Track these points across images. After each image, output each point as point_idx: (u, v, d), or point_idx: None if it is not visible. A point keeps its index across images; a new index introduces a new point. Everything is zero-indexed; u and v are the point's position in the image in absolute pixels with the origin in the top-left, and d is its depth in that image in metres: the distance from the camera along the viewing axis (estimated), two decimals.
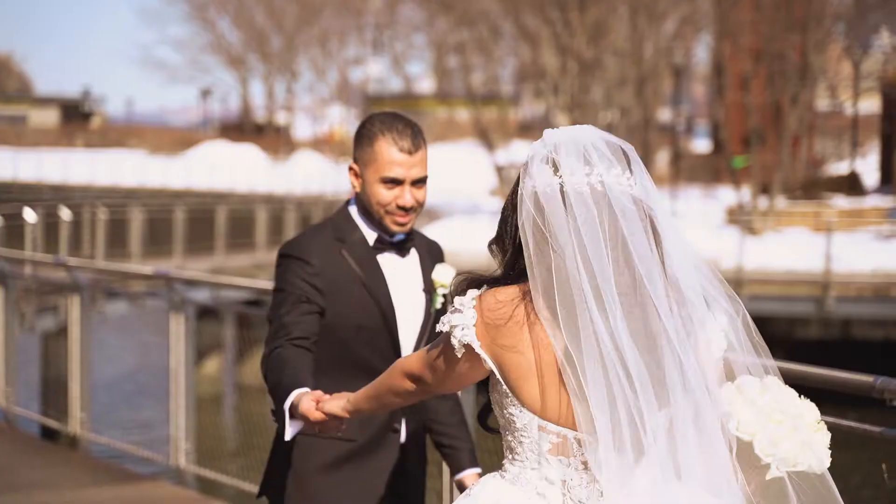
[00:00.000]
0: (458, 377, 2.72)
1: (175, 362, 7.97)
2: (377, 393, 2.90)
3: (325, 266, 3.53)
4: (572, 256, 2.57)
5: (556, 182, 2.62)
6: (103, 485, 7.86)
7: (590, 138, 2.68)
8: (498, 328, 2.63)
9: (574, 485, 2.62)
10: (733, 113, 42.03)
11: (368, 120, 3.64)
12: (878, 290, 22.83)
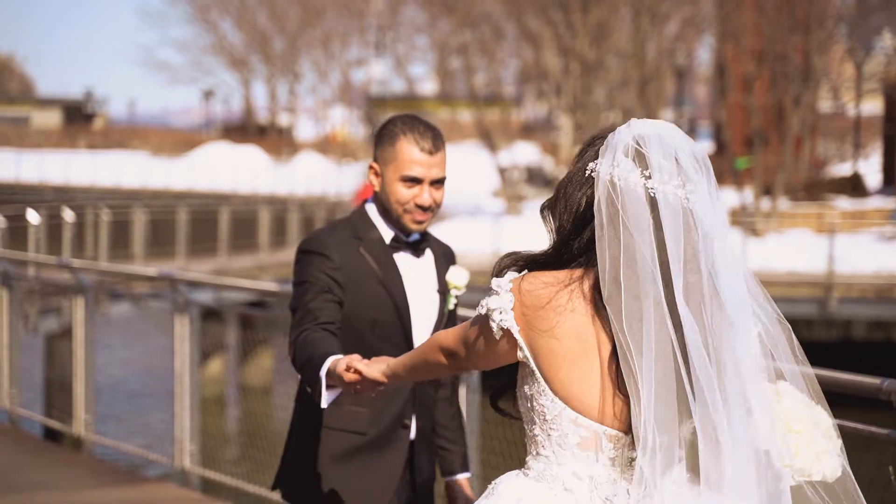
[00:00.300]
0: (493, 358, 2.67)
1: (180, 364, 7.98)
2: (413, 363, 2.89)
3: (344, 261, 3.57)
4: (649, 246, 2.52)
5: (642, 182, 2.56)
6: (107, 486, 7.87)
7: (678, 142, 2.61)
8: (535, 311, 2.57)
9: (601, 481, 2.57)
10: (736, 114, 42.02)
11: (390, 121, 3.71)
12: (881, 291, 22.83)
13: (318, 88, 70.12)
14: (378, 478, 3.60)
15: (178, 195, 41.39)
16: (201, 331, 8.21)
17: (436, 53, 54.87)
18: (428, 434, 3.71)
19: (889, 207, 33.61)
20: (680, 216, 2.55)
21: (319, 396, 3.10)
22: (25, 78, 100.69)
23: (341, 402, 3.22)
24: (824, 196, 36.27)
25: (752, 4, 36.79)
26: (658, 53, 42.31)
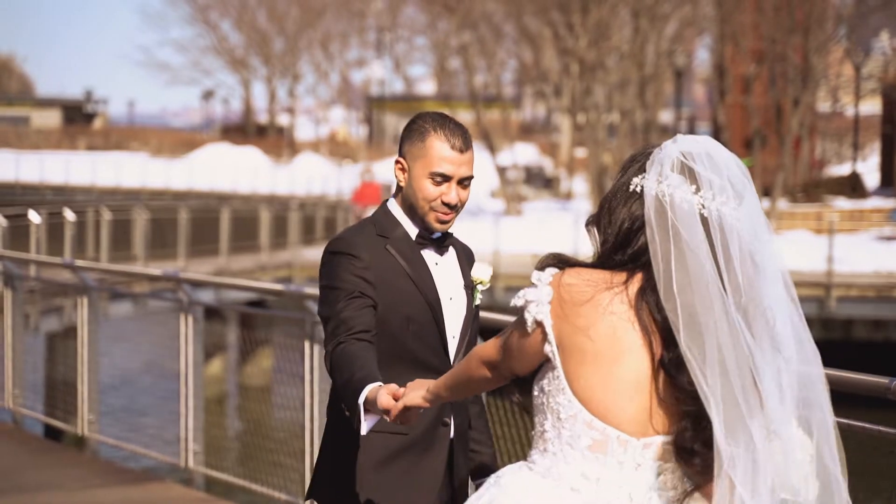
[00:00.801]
0: (528, 357, 2.66)
1: (184, 364, 8.00)
2: (456, 381, 2.88)
3: (374, 260, 3.53)
4: (706, 257, 2.55)
5: (691, 197, 2.59)
6: (112, 486, 7.89)
7: (726, 158, 2.65)
8: (574, 306, 2.58)
9: (607, 484, 2.58)
10: (735, 115, 42.05)
11: (420, 116, 3.64)
12: (880, 291, 22.86)
13: (318, 89, 70.20)
14: (422, 478, 3.56)
15: (178, 195, 41.40)
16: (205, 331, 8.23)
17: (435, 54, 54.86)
18: (465, 432, 3.66)
19: (888, 207, 33.64)
20: (731, 233, 2.58)
21: (358, 423, 3.12)
22: (25, 78, 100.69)
23: (382, 424, 3.19)
24: (823, 196, 36.30)
25: (752, 5, 36.83)
26: (657, 54, 42.33)
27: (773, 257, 2.67)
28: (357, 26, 67.49)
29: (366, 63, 70.51)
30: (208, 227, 25.62)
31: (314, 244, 30.06)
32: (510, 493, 2.63)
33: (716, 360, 2.51)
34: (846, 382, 3.95)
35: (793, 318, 2.68)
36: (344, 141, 71.49)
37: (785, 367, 2.61)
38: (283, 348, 8.06)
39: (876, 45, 42.41)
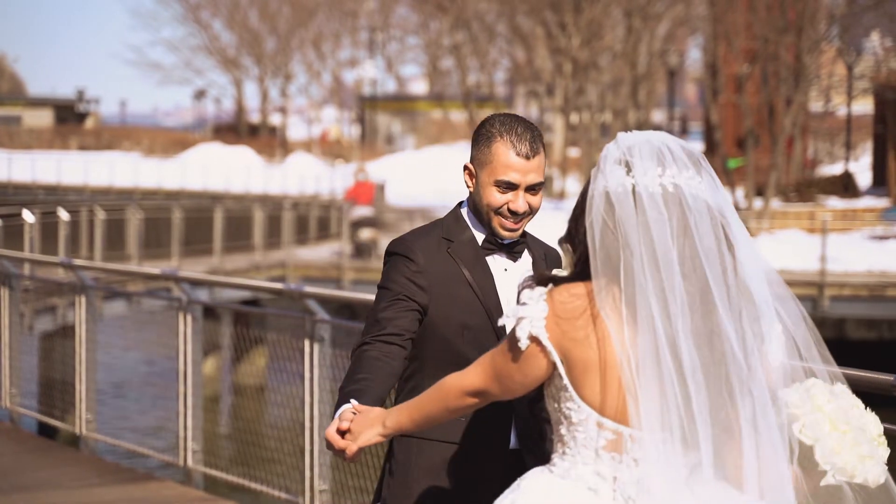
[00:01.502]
0: (522, 375, 2.71)
1: (183, 363, 8.01)
2: (428, 415, 2.89)
3: (430, 264, 3.47)
4: (639, 257, 2.59)
5: (629, 182, 2.64)
6: (110, 485, 7.89)
7: (665, 141, 2.70)
8: (570, 321, 2.65)
9: (624, 481, 2.63)
10: (727, 114, 42.12)
11: (488, 120, 3.53)
12: (873, 290, 22.91)
13: (310, 89, 70.15)
14: (470, 490, 3.46)
15: (171, 195, 41.36)
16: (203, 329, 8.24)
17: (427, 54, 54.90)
18: (526, 444, 3.53)
19: (880, 207, 33.73)
20: (661, 200, 2.62)
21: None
22: (16, 78, 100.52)
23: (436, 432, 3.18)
24: (815, 196, 36.37)
25: (744, 5, 36.89)
26: (650, 54, 42.39)
27: (740, 227, 2.70)
28: (349, 26, 67.48)
29: (358, 63, 70.49)
30: (202, 227, 25.61)
31: (307, 244, 30.07)
32: (531, 495, 2.69)
33: (653, 353, 2.57)
34: (849, 379, 3.96)
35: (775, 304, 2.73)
36: (336, 141, 71.46)
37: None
38: (277, 347, 8.07)
39: (868, 44, 42.50)
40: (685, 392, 2.57)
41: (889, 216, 30.44)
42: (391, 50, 66.63)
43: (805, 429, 2.74)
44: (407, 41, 62.77)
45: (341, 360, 6.84)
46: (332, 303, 7.80)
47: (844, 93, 42.88)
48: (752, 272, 2.69)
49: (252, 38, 68.64)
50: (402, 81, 75.47)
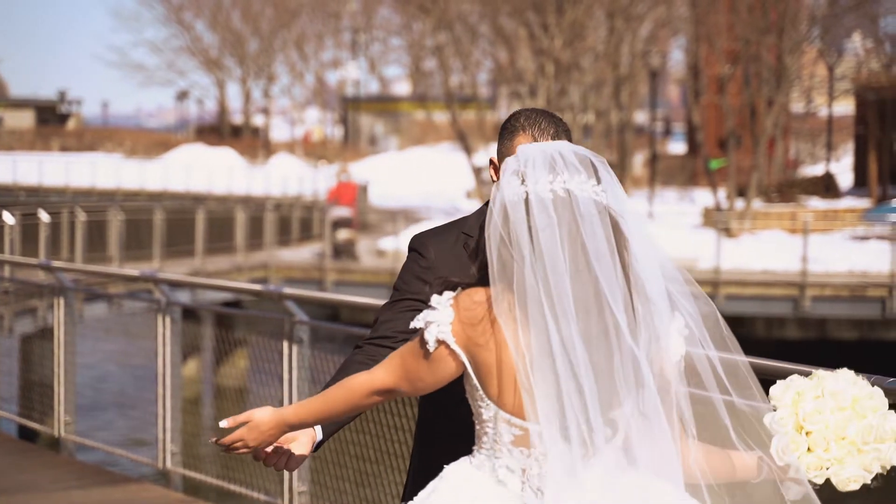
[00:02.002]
0: (432, 376, 2.86)
1: (162, 365, 7.99)
2: (331, 412, 3.00)
3: (441, 259, 3.45)
4: (530, 263, 2.71)
5: (522, 191, 2.77)
6: (89, 487, 7.87)
7: (559, 149, 2.83)
8: (473, 326, 2.79)
9: (533, 474, 2.77)
10: (709, 115, 42.21)
11: (514, 115, 3.48)
12: (854, 290, 22.99)
13: (293, 90, 70.09)
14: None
15: (153, 196, 41.27)
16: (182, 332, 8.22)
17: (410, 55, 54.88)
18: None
19: (861, 207, 33.83)
20: (551, 206, 2.75)
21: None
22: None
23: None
24: (797, 196, 36.48)
25: (726, 6, 36.98)
26: (632, 55, 42.46)
27: (639, 226, 2.82)
28: (332, 27, 67.43)
29: (341, 64, 70.44)
30: (183, 228, 25.56)
31: (290, 245, 30.03)
32: (450, 483, 2.87)
33: (547, 354, 2.72)
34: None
35: (673, 292, 2.83)
36: (319, 142, 71.39)
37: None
38: (259, 349, 8.06)
39: (849, 45, 42.65)
40: (579, 389, 2.71)
41: (870, 217, 30.55)
42: (374, 51, 66.63)
43: (783, 452, 2.81)
44: (390, 42, 62.76)
45: (320, 361, 6.83)
46: (312, 304, 7.78)
47: (826, 94, 43.02)
48: (648, 270, 2.79)
49: (235, 39, 68.54)
50: (385, 82, 75.46)
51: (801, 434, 2.79)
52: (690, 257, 24.29)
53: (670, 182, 47.57)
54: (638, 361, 2.73)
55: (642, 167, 51.96)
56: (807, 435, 2.79)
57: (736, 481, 2.88)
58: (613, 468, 2.73)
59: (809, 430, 2.79)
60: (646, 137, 51.31)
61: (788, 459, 2.80)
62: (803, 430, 2.80)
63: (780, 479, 2.84)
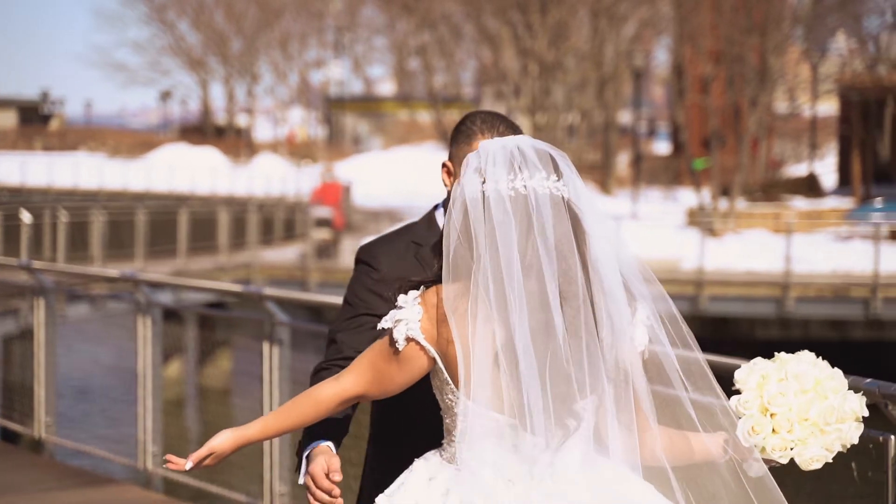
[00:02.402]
0: (403, 376, 2.89)
1: (142, 365, 7.95)
2: (297, 423, 3.00)
3: (393, 271, 3.34)
4: (485, 260, 2.77)
5: (481, 189, 2.82)
6: (70, 489, 7.84)
7: (518, 144, 2.86)
8: (441, 323, 2.83)
9: (504, 465, 2.82)
10: (693, 115, 42.26)
11: (469, 117, 3.42)
12: (837, 290, 23.03)
13: (277, 89, 69.96)
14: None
15: (136, 196, 41.16)
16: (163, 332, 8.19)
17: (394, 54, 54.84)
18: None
19: (844, 207, 33.91)
20: (509, 203, 2.79)
21: (299, 470, 3.12)
22: None
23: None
24: (781, 196, 36.55)
25: (710, 6, 37.03)
26: (616, 54, 42.49)
27: (601, 222, 2.86)
28: (316, 27, 67.33)
29: (325, 63, 70.36)
30: (166, 228, 25.50)
31: (273, 245, 29.98)
32: (420, 476, 2.91)
33: (489, 349, 2.78)
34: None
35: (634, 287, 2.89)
36: (303, 142, 71.30)
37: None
38: (243, 350, 8.03)
39: (832, 45, 42.74)
40: (540, 383, 2.77)
41: (854, 217, 30.62)
42: (358, 51, 66.55)
43: (752, 431, 2.87)
44: (374, 42, 62.73)
45: (300, 362, 6.81)
46: (294, 305, 7.76)
47: (809, 94, 43.12)
48: (605, 263, 2.84)
49: (218, 38, 68.40)
50: (369, 82, 75.41)
51: (765, 416, 2.85)
52: (674, 257, 24.31)
53: (654, 182, 47.63)
54: (597, 354, 2.79)
55: (626, 167, 51.99)
56: (771, 417, 2.85)
57: (697, 462, 2.93)
58: (580, 459, 2.80)
59: (774, 412, 2.84)
60: (630, 137, 51.35)
61: (754, 441, 2.85)
62: (768, 412, 2.85)
63: (742, 458, 2.90)
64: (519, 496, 2.79)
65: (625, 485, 2.81)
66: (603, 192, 43.75)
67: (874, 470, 3.80)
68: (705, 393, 2.91)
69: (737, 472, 2.90)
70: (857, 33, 40.38)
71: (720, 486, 2.91)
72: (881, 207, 30.39)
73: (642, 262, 2.91)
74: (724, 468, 2.91)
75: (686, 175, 42.57)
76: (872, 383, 3.80)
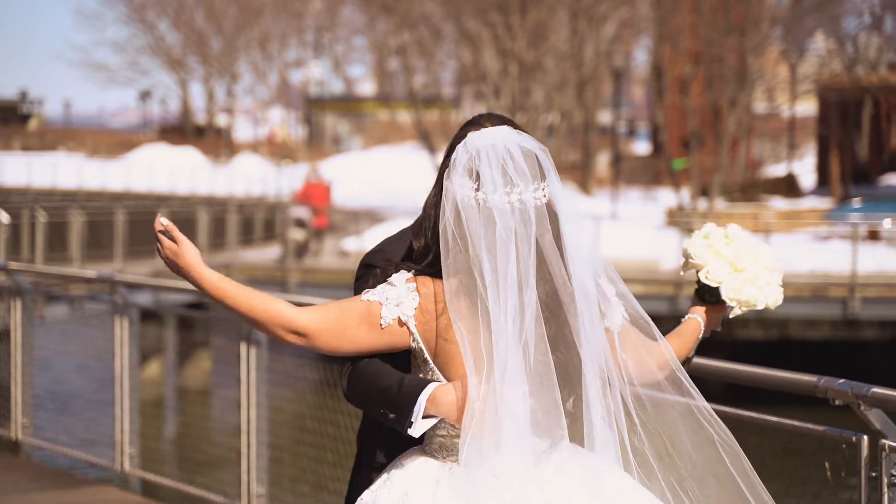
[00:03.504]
0: (371, 342, 2.94)
1: (119, 366, 7.93)
2: (243, 309, 2.99)
3: None
4: (482, 268, 2.83)
5: (478, 197, 2.88)
6: (47, 490, 7.81)
7: (507, 145, 2.90)
8: (437, 318, 2.90)
9: (498, 460, 2.85)
10: (673, 116, 42.34)
11: (481, 120, 3.28)
12: (816, 290, 23.09)
13: (256, 89, 69.80)
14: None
15: (116, 196, 41.01)
16: (140, 333, 8.16)
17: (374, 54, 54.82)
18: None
19: (823, 207, 34.01)
20: (510, 217, 2.86)
21: (406, 422, 3.01)
22: None
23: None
24: (760, 196, 36.65)
25: (689, 6, 37.10)
26: (596, 55, 42.54)
27: (575, 224, 2.95)
28: (295, 26, 67.22)
29: (304, 63, 70.26)
30: (146, 229, 25.39)
31: (253, 245, 29.91)
32: (406, 469, 2.95)
33: (515, 346, 2.85)
34: (777, 381, 3.99)
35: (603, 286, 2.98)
36: (283, 142, 71.17)
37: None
38: (222, 350, 8.02)
39: (811, 46, 42.87)
40: (538, 383, 2.85)
41: (833, 217, 30.72)
42: (338, 51, 66.48)
43: (710, 274, 3.17)
44: (353, 42, 62.65)
45: (278, 363, 6.80)
46: None
47: (788, 94, 43.25)
48: (579, 263, 2.91)
49: (198, 38, 68.22)
50: (349, 82, 75.29)
51: (735, 272, 3.16)
52: (654, 257, 24.34)
53: (634, 182, 47.71)
54: (581, 358, 2.86)
55: (606, 167, 52.08)
56: (740, 271, 3.15)
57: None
58: (570, 453, 2.87)
59: (742, 267, 3.14)
60: (610, 137, 51.43)
61: (739, 297, 3.15)
62: (737, 269, 3.15)
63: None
64: (513, 487, 2.82)
65: (615, 477, 2.88)
66: (583, 192, 43.80)
67: (847, 470, 3.82)
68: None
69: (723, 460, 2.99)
70: (836, 34, 40.52)
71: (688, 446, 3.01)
72: (859, 208, 30.50)
73: (608, 262, 3.00)
74: (709, 450, 3.00)
75: (665, 175, 42.66)
76: (845, 384, 3.81)
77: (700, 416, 3.00)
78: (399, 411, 3.04)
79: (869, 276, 22.96)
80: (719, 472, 2.99)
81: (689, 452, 2.99)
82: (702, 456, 3.00)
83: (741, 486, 2.99)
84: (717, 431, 2.99)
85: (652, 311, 3.17)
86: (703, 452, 3.00)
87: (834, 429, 3.95)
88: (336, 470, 6.61)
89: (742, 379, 4.10)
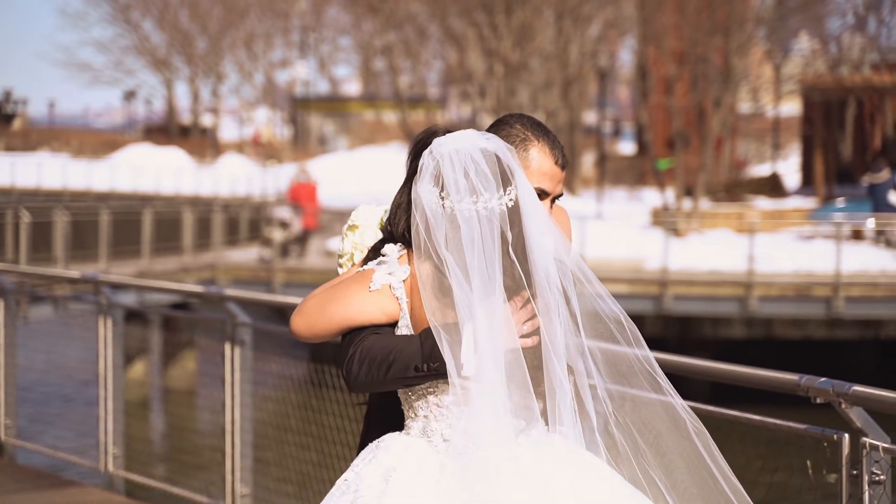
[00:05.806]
0: (355, 304, 3.00)
1: (103, 367, 7.91)
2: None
3: None
4: (452, 268, 2.92)
5: (445, 205, 2.96)
6: (31, 491, 7.80)
7: (471, 153, 2.96)
8: (418, 291, 2.99)
9: (473, 432, 2.93)
10: (657, 116, 42.40)
11: (515, 119, 3.27)
12: (800, 289, 23.15)
13: (242, 89, 69.74)
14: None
15: (100, 197, 40.92)
16: (125, 333, 8.15)
17: (360, 54, 54.81)
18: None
19: (807, 207, 34.09)
20: (475, 223, 2.93)
21: (439, 362, 2.95)
22: None
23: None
24: (744, 196, 36.71)
25: (673, 7, 37.16)
26: (581, 55, 42.60)
27: (544, 223, 3.01)
28: (281, 26, 67.17)
29: (290, 63, 70.19)
30: (130, 229, 25.36)
31: (238, 246, 29.87)
32: (391, 451, 2.99)
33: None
34: (759, 380, 4.01)
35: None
36: (269, 142, 71.09)
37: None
38: (207, 351, 8.01)
39: (795, 46, 43.00)
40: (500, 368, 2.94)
41: (817, 216, 30.79)
42: (323, 51, 66.45)
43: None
44: (339, 42, 62.65)
45: (263, 363, 6.80)
46: (257, 305, 7.74)
47: (773, 94, 43.36)
48: (542, 261, 2.97)
49: (183, 38, 68.10)
50: (335, 82, 75.27)
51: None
52: (638, 257, 24.38)
53: (619, 182, 47.77)
54: (550, 359, 2.93)
55: (591, 167, 52.13)
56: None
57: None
58: (544, 434, 2.95)
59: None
60: (595, 137, 51.50)
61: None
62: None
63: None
64: (501, 455, 2.89)
65: (589, 455, 2.97)
66: (568, 192, 43.85)
67: (828, 468, 3.84)
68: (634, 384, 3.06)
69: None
70: (820, 34, 40.65)
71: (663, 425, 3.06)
72: (843, 207, 30.55)
73: (581, 261, 3.05)
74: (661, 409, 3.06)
75: (650, 175, 42.73)
76: (826, 382, 3.83)
77: (674, 405, 3.05)
78: (430, 358, 2.99)
79: (852, 275, 23.03)
80: (690, 457, 3.04)
81: (661, 438, 3.05)
82: (672, 442, 3.04)
83: (713, 471, 3.03)
84: (690, 420, 3.04)
85: (637, 310, 3.23)
86: (675, 439, 3.04)
87: (815, 427, 3.97)
88: (320, 470, 6.61)
89: (724, 378, 4.12)
